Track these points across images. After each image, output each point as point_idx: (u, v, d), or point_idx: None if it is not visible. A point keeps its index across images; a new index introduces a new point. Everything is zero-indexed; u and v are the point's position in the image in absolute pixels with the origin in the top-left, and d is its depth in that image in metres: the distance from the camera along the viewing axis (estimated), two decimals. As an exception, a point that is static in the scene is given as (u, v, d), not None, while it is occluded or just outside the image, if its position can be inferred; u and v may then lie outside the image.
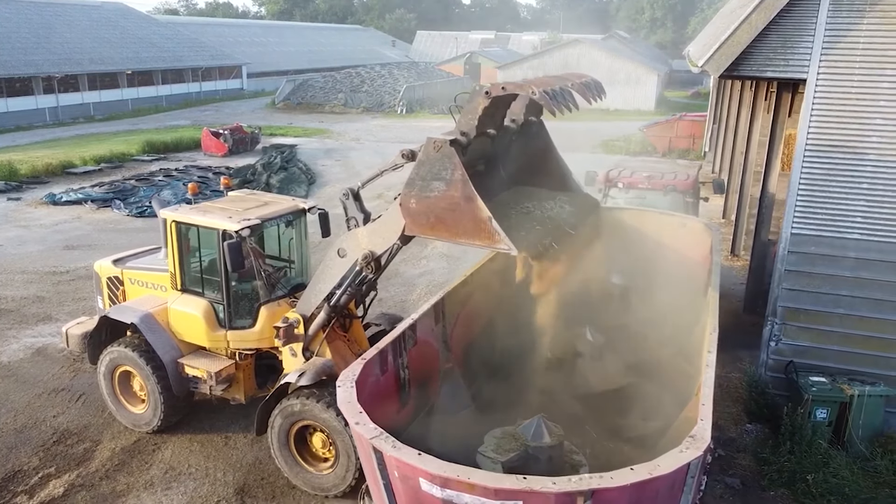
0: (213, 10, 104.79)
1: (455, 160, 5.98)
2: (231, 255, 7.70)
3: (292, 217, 8.86)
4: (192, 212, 8.60)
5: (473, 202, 5.89)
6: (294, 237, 9.12)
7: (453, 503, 4.21)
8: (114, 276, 9.73)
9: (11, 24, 42.32)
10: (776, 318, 9.24)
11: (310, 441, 7.86)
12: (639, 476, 3.99)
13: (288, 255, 9.32)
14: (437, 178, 6.10)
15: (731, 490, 7.93)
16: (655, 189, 13.06)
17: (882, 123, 8.30)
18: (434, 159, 6.07)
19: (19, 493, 7.86)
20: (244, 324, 8.54)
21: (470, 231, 5.96)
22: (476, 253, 11.55)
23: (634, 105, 51.75)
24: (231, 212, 8.44)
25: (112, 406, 9.24)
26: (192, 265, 8.80)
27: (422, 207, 6.28)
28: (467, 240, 6.02)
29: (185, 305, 8.68)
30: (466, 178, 5.93)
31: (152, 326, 8.68)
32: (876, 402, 8.42)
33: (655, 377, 8.16)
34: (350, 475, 7.43)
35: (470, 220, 5.93)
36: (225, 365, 8.57)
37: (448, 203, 6.05)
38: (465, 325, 8.01)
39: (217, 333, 8.60)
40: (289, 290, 8.80)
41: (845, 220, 8.68)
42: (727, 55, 8.64)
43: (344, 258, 7.23)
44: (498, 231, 5.74)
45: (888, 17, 8.02)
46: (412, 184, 6.31)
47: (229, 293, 8.43)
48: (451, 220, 6.08)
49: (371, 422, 4.68)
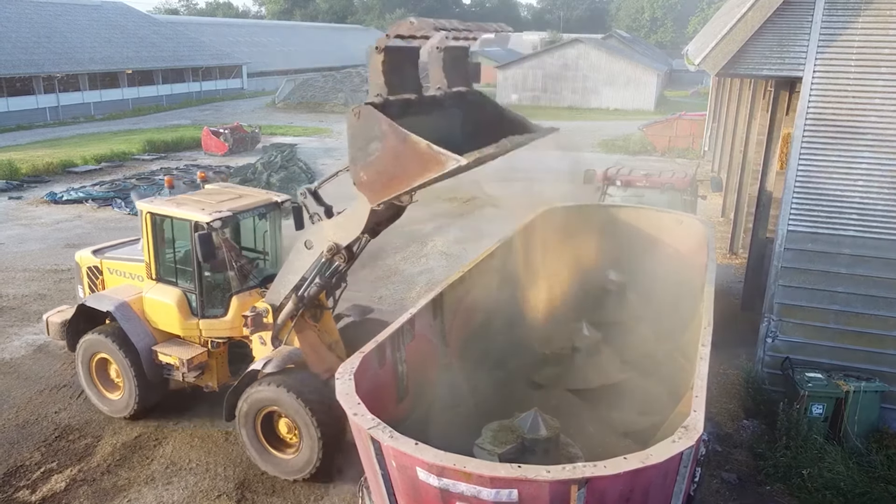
0: (213, 9, 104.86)
1: (376, 115, 6.13)
2: (202, 245, 7.91)
3: (265, 210, 9.06)
4: (166, 204, 8.82)
5: (408, 139, 5.99)
6: (268, 229, 9.33)
7: (449, 492, 4.27)
8: (93, 266, 9.96)
9: (12, 24, 42.39)
10: (773, 315, 9.31)
11: (276, 427, 8.09)
12: (631, 465, 4.05)
13: (262, 247, 9.52)
14: (370, 141, 6.24)
15: (728, 485, 7.99)
16: (653, 187, 13.14)
17: (877, 121, 8.36)
18: (360, 126, 6.23)
19: (21, 488, 7.92)
20: (216, 313, 8.77)
21: (419, 167, 6.01)
22: (475, 249, 11.59)
23: (634, 105, 51.83)
24: (204, 204, 8.64)
25: (89, 392, 9.47)
26: (166, 255, 9.03)
27: (372, 174, 6.38)
28: (422, 177, 6.04)
29: (160, 294, 8.90)
30: (393, 123, 6.07)
31: (127, 315, 8.90)
32: (871, 397, 8.48)
33: (651, 372, 8.24)
34: (314, 459, 7.69)
35: (413, 157, 6.01)
36: (197, 353, 8.78)
37: (390, 154, 6.16)
38: (462, 319, 8.07)
39: (190, 322, 8.81)
40: (260, 280, 9.01)
41: (841, 217, 8.74)
42: (723, 53, 8.70)
43: (310, 250, 7.49)
44: (441, 152, 5.81)
45: (883, 15, 8.08)
46: (355, 160, 6.47)
47: (202, 283, 8.64)
48: (399, 168, 6.15)
49: (369, 413, 4.75)
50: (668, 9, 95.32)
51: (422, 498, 4.55)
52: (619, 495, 4.23)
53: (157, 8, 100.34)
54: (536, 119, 8.07)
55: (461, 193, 23.34)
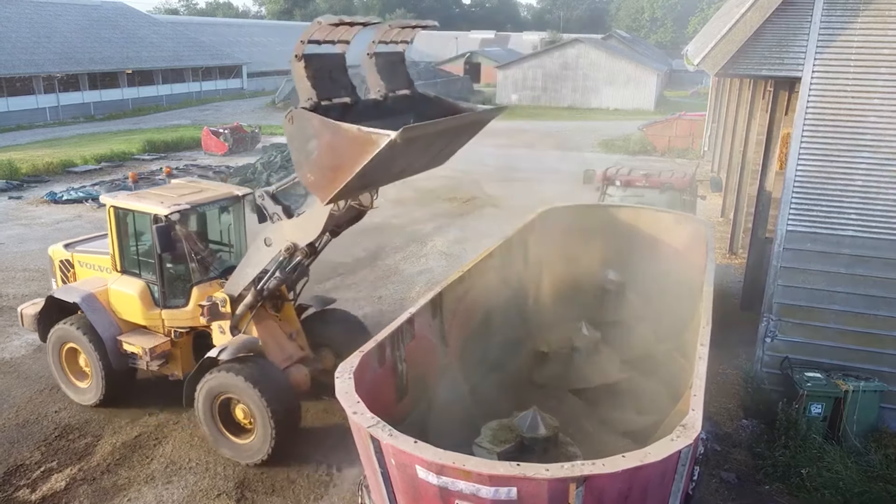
0: (213, 9, 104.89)
1: (307, 115, 6.42)
2: (160, 237, 8.20)
3: (227, 203, 9.32)
4: (129, 198, 9.14)
5: (339, 128, 6.21)
6: (232, 223, 9.58)
7: (449, 490, 4.29)
8: (65, 260, 10.24)
9: (12, 24, 42.41)
10: (772, 315, 9.31)
11: (233, 412, 8.35)
12: (630, 463, 4.06)
13: (227, 240, 9.77)
14: (308, 141, 6.49)
15: (727, 484, 8.00)
16: (653, 187, 13.16)
17: (876, 121, 8.37)
18: (296, 130, 6.51)
19: (22, 487, 7.94)
20: (178, 303, 9.02)
21: (356, 151, 6.18)
22: (475, 249, 11.59)
23: (634, 104, 51.86)
24: (165, 198, 8.88)
25: (59, 381, 9.75)
26: (130, 248, 9.29)
27: (317, 172, 6.61)
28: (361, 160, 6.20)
29: (124, 286, 9.20)
30: (324, 119, 6.33)
31: (94, 306, 9.20)
32: (870, 397, 8.50)
33: (650, 372, 8.26)
34: (267, 444, 7.98)
35: (348, 143, 6.20)
36: (160, 342, 9.03)
37: (327, 148, 6.37)
38: (462, 319, 8.09)
39: (152, 312, 9.08)
40: (221, 271, 9.22)
41: (840, 217, 8.75)
42: (723, 53, 8.71)
43: (270, 247, 7.80)
44: (372, 131, 6.01)
45: (882, 15, 8.09)
46: (299, 163, 6.71)
47: (163, 274, 8.89)
48: (339, 158, 6.36)
49: (368, 411, 4.76)
50: (668, 9, 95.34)
51: (421, 496, 4.56)
52: (617, 493, 4.25)
53: (157, 8, 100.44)
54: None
55: (461, 193, 23.37)
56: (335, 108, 7.02)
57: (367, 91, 7.72)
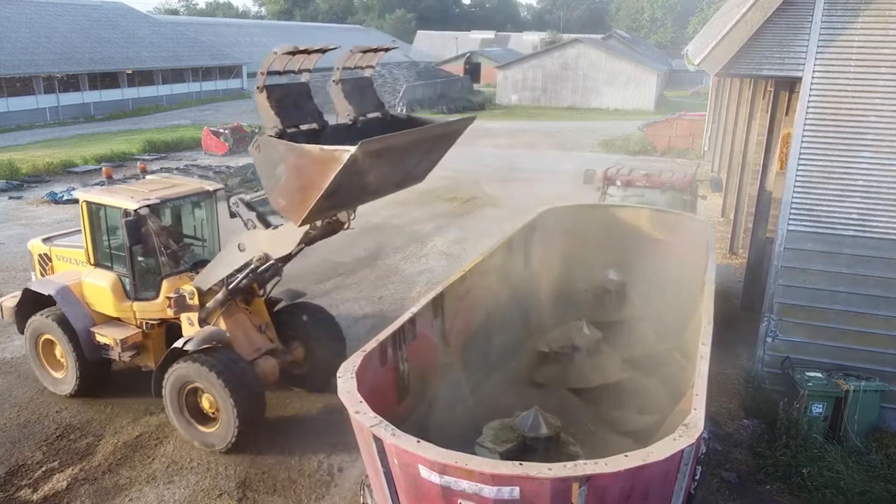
0: (213, 9, 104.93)
1: (273, 141, 6.71)
2: (130, 231, 8.43)
3: (198, 198, 9.54)
4: (101, 192, 9.38)
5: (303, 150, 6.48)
6: (205, 217, 9.79)
7: (451, 489, 4.29)
8: (43, 254, 10.48)
9: (12, 24, 42.38)
10: (773, 315, 9.32)
11: (199, 401, 8.61)
12: (633, 462, 4.07)
13: (200, 234, 9.96)
14: (275, 166, 6.76)
15: (728, 484, 8.00)
16: (653, 187, 13.16)
17: (877, 121, 8.37)
18: (264, 157, 6.81)
19: (23, 487, 7.94)
20: (148, 295, 9.22)
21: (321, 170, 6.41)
22: (475, 249, 11.59)
23: (634, 105, 51.89)
24: (136, 192, 9.11)
25: (37, 371, 10.02)
26: (102, 242, 9.50)
27: (287, 196, 6.87)
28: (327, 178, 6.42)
29: (97, 279, 9.43)
30: (288, 143, 6.64)
31: (68, 298, 9.45)
32: (871, 397, 8.50)
33: (651, 371, 8.26)
34: (231, 433, 8.26)
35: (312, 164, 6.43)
36: (131, 333, 9.27)
37: (293, 170, 6.62)
38: (463, 319, 8.09)
39: (124, 304, 9.31)
40: (192, 265, 9.46)
41: (841, 216, 8.76)
42: (723, 53, 8.72)
43: (243, 252, 8.03)
44: (334, 149, 6.26)
45: (883, 15, 8.10)
46: (269, 189, 7.02)
47: (134, 267, 9.10)
48: (306, 179, 6.58)
49: (371, 411, 4.76)
50: (668, 9, 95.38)
51: (423, 496, 4.57)
52: (619, 493, 4.25)
53: (157, 8, 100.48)
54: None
55: (461, 193, 23.38)
56: (303, 135, 7.34)
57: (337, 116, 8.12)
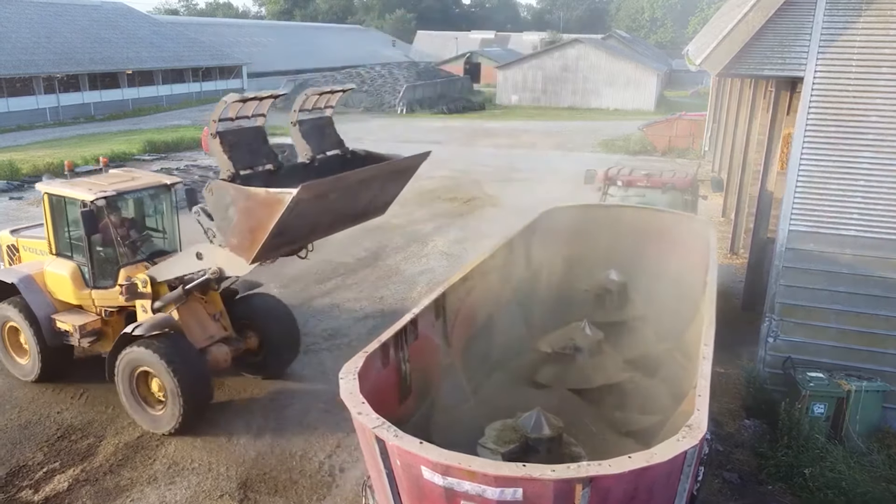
0: (213, 10, 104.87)
1: (224, 185, 7.20)
2: (86, 221, 8.79)
3: (154, 191, 9.92)
4: (62, 185, 9.73)
5: (250, 193, 6.92)
6: (164, 210, 10.17)
7: (454, 491, 4.28)
8: (11, 245, 10.87)
9: (12, 24, 42.35)
10: (774, 315, 9.32)
11: (150, 385, 8.98)
12: (636, 464, 4.06)
13: (161, 226, 10.29)
14: (227, 209, 7.23)
15: (730, 484, 8.00)
16: (654, 187, 13.16)
17: (878, 121, 8.37)
18: (216, 200, 7.29)
19: (24, 488, 7.93)
20: (106, 284, 9.55)
21: (267, 212, 6.84)
22: (475, 249, 11.58)
23: (634, 105, 51.89)
24: (94, 185, 9.44)
25: (3, 358, 10.41)
26: (63, 232, 9.84)
27: (238, 235, 7.34)
28: (273, 219, 6.82)
29: (58, 268, 9.80)
30: (237, 186, 7.13)
31: (30, 287, 9.85)
32: (873, 397, 8.50)
33: (653, 372, 8.25)
34: (176, 415, 8.65)
35: (259, 206, 6.85)
36: (90, 320, 9.62)
37: (243, 213, 7.10)
38: (465, 319, 8.08)
39: (83, 292, 9.66)
40: (148, 255, 9.78)
41: (842, 216, 8.76)
42: (725, 53, 8.72)
43: (200, 261, 8.36)
44: (277, 191, 6.72)
45: (884, 15, 8.10)
46: (222, 229, 7.48)
47: (92, 256, 9.46)
48: (254, 220, 7.03)
49: (373, 412, 4.75)
50: (668, 9, 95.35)
51: (426, 497, 4.56)
52: (623, 494, 4.24)
53: (157, 8, 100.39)
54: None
55: (461, 194, 23.38)
56: (258, 176, 7.74)
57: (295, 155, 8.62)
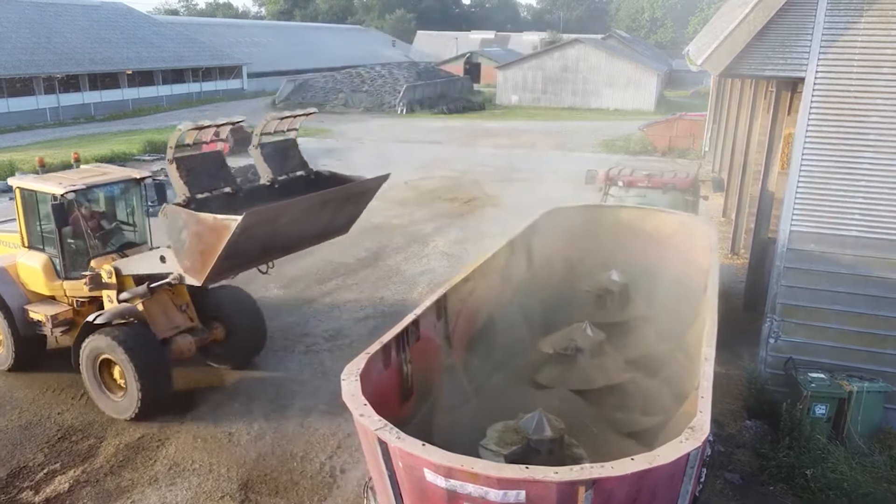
0: (213, 10, 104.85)
1: (177, 210, 7.48)
2: (56, 214, 9.09)
3: (124, 185, 10.22)
4: (34, 179, 10.07)
5: (200, 218, 7.19)
6: (134, 204, 10.46)
7: (457, 493, 4.27)
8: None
9: (12, 24, 42.34)
10: (775, 315, 9.31)
11: (112, 371, 9.27)
12: (639, 466, 4.05)
13: (131, 219, 10.59)
14: (180, 232, 7.53)
15: (731, 485, 8.00)
16: (655, 188, 13.15)
17: (879, 121, 8.37)
18: (171, 223, 7.53)
19: (25, 489, 7.92)
20: (77, 275, 9.74)
21: (215, 236, 7.11)
22: (476, 250, 11.58)
23: (634, 105, 51.87)
24: (64, 179, 9.71)
25: None
26: (34, 225, 10.11)
27: (190, 258, 7.60)
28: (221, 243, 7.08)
29: (30, 260, 10.12)
30: (189, 211, 7.43)
31: (3, 278, 10.17)
32: (875, 398, 8.48)
33: (654, 372, 8.24)
34: (135, 402, 8.96)
35: (208, 230, 7.13)
36: (62, 310, 9.94)
37: (194, 236, 7.38)
38: (466, 320, 8.07)
39: (55, 283, 9.96)
40: (118, 246, 10.10)
41: (843, 217, 8.75)
42: (726, 54, 8.71)
43: (163, 264, 8.52)
44: (224, 218, 7.00)
45: (886, 15, 8.09)
46: (177, 252, 7.74)
47: (63, 248, 9.71)
48: (204, 244, 7.29)
49: (375, 414, 4.74)
50: (668, 9, 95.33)
51: (429, 499, 4.55)
52: (625, 496, 4.24)
53: (157, 8, 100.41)
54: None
55: (462, 194, 23.37)
56: (217, 199, 7.98)
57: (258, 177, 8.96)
